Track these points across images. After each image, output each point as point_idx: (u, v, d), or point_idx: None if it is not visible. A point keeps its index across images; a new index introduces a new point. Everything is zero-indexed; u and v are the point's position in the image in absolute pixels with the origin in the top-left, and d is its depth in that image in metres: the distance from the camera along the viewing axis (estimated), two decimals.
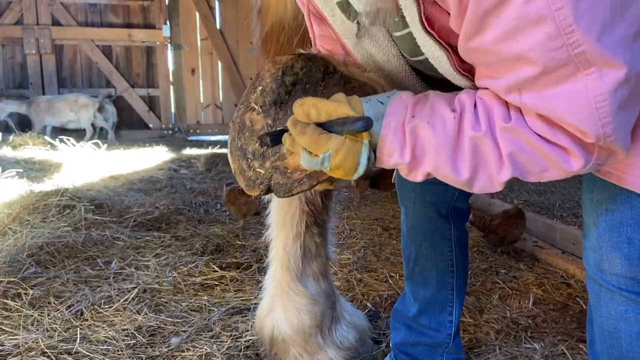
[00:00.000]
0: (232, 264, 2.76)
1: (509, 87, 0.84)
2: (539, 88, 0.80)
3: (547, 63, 0.76)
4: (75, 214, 3.38)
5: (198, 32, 9.28)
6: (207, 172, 5.39)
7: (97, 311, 2.20)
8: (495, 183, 0.91)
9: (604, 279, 1.04)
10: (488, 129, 0.88)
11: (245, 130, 1.08)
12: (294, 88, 1.06)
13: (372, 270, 2.72)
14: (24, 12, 8.49)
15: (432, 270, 1.66)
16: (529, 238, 3.12)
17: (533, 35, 0.75)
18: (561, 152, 0.85)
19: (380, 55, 1.08)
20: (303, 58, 1.08)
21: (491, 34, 0.79)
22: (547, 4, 0.72)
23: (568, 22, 0.72)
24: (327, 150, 0.90)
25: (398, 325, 1.77)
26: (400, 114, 0.93)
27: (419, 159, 0.93)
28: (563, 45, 0.74)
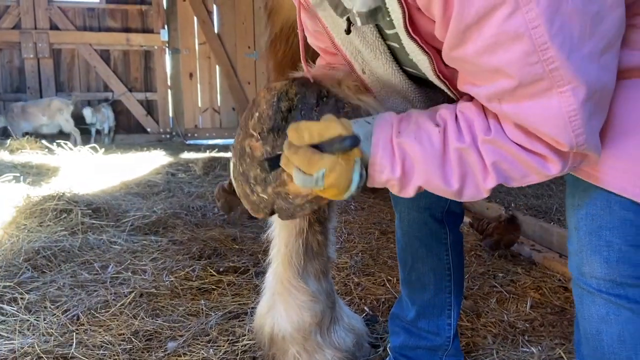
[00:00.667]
0: (229, 268, 2.75)
1: (489, 96, 0.89)
2: (517, 99, 0.85)
3: (523, 77, 0.81)
4: (72, 218, 3.37)
5: (196, 37, 9.29)
6: (205, 176, 5.39)
7: (94, 316, 2.19)
8: (482, 190, 0.97)
9: (585, 282, 1.06)
10: (471, 141, 0.93)
11: (246, 156, 1.11)
12: (289, 114, 1.09)
13: (369, 274, 2.72)
14: (22, 17, 8.50)
15: (429, 275, 1.67)
16: (527, 242, 3.12)
17: (511, 51, 0.79)
18: (539, 159, 0.91)
19: (367, 51, 1.09)
20: (297, 84, 1.11)
21: (472, 47, 0.83)
22: (525, 22, 0.76)
23: (543, 40, 0.77)
24: (321, 168, 0.93)
25: (396, 329, 1.78)
26: (386, 131, 0.98)
27: (409, 174, 0.97)
28: (539, 61, 0.79)
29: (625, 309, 1.02)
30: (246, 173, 1.11)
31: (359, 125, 0.99)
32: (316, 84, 1.11)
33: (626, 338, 1.03)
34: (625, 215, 0.99)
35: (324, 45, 1.22)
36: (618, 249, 1.00)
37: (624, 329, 1.03)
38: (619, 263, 1.01)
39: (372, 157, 0.97)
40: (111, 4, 8.86)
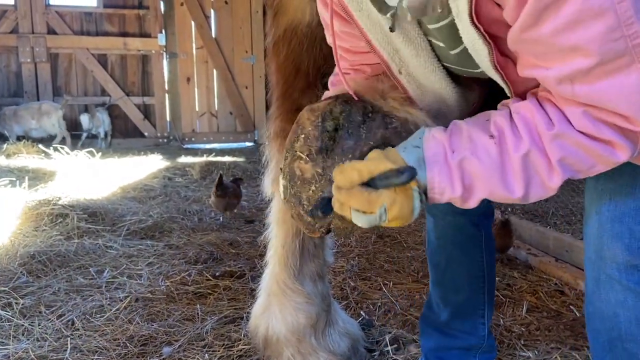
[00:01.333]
0: (225, 273, 2.75)
1: (560, 78, 0.85)
2: (592, 79, 0.81)
3: (605, 54, 0.78)
4: (68, 222, 3.36)
5: (193, 41, 9.29)
6: (202, 180, 5.38)
7: (89, 321, 2.18)
8: (548, 190, 0.94)
9: (605, 267, 1.08)
10: (533, 142, 0.90)
11: (297, 179, 1.10)
12: (336, 134, 1.07)
13: (366, 278, 2.72)
14: (19, 21, 8.49)
15: (464, 277, 1.66)
16: (523, 246, 3.12)
17: (594, 27, 0.76)
18: (607, 147, 0.88)
19: (409, 49, 1.07)
20: (340, 102, 1.09)
21: (550, 26, 0.79)
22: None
23: (629, 14, 0.74)
24: (381, 205, 0.93)
25: (429, 330, 1.77)
26: (439, 153, 0.95)
27: (471, 190, 0.95)
28: (622, 37, 0.76)
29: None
30: (298, 195, 1.10)
31: (409, 152, 0.97)
32: (360, 100, 1.09)
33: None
34: None
35: (349, 45, 1.19)
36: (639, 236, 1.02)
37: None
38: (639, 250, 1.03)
39: (430, 183, 0.95)
40: (109, 9, 8.85)
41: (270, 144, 1.67)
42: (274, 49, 1.57)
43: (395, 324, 2.20)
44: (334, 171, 0.96)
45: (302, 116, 1.12)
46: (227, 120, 9.56)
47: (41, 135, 7.99)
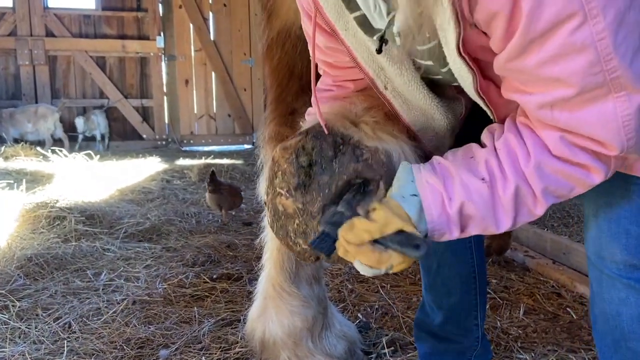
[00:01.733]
0: (223, 275, 2.75)
1: (541, 104, 0.89)
2: (571, 107, 0.86)
3: (584, 86, 0.83)
4: (66, 225, 3.36)
5: (192, 43, 9.30)
6: (200, 183, 5.38)
7: (85, 323, 2.18)
8: (533, 217, 1.01)
9: (605, 266, 1.12)
10: (518, 178, 0.97)
11: (280, 214, 1.15)
12: (311, 169, 1.11)
13: (363, 280, 2.72)
14: (18, 24, 8.49)
15: (456, 278, 1.67)
16: (520, 248, 3.12)
17: (576, 61, 0.81)
18: (583, 170, 0.94)
19: (393, 69, 1.09)
20: (311, 137, 1.13)
21: (534, 58, 0.84)
22: (591, 34, 0.78)
23: (608, 50, 0.79)
24: (389, 265, 0.97)
25: (423, 335, 1.78)
26: (437, 202, 1.00)
27: (466, 230, 1.02)
28: (601, 71, 0.81)
29: None
30: (285, 228, 1.14)
31: (408, 202, 1.01)
32: (330, 134, 1.12)
33: None
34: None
35: (333, 60, 1.21)
36: (636, 236, 1.07)
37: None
38: (637, 249, 1.07)
39: (431, 231, 1.01)
40: (107, 11, 8.86)
41: (265, 147, 1.68)
42: (267, 52, 1.57)
43: (392, 327, 2.20)
44: (343, 227, 0.99)
45: (276, 154, 1.16)
46: (226, 122, 9.57)
47: (37, 139, 7.96)
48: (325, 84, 1.30)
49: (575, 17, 0.78)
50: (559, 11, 0.78)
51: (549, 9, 0.78)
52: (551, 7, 0.78)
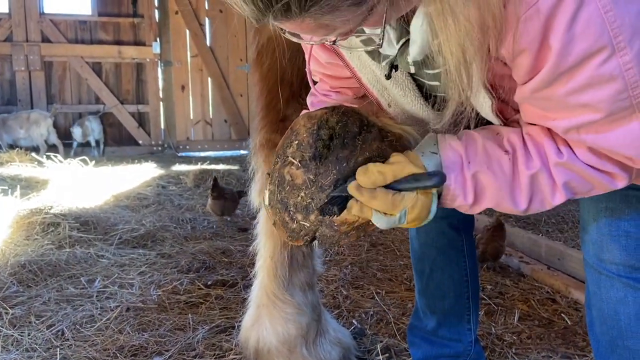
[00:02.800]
0: (217, 282, 2.74)
1: (568, 128, 0.92)
2: (598, 129, 0.89)
3: (611, 111, 0.86)
4: (60, 231, 3.35)
5: (188, 49, 9.31)
6: (196, 189, 5.37)
7: (79, 331, 2.17)
8: (547, 206, 1.02)
9: (604, 267, 1.15)
10: (542, 164, 0.97)
11: (286, 184, 1.10)
12: (331, 143, 1.07)
13: (358, 286, 2.71)
14: (14, 29, 8.49)
15: (448, 283, 1.68)
16: (515, 253, 3.12)
17: (603, 90, 0.84)
18: (607, 177, 0.97)
19: (396, 90, 1.12)
20: (337, 112, 1.10)
21: (562, 89, 0.86)
22: (619, 65, 0.81)
23: (635, 78, 0.82)
24: (403, 208, 0.97)
25: (416, 340, 1.78)
26: (456, 162, 1.00)
27: (480, 199, 1.02)
28: (628, 97, 0.84)
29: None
30: (285, 201, 1.10)
31: (427, 157, 1.01)
32: (357, 112, 1.10)
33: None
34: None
35: (332, 73, 1.22)
36: (636, 237, 1.10)
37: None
38: (636, 250, 1.11)
39: (445, 189, 1.00)
40: (103, 17, 8.87)
41: (256, 154, 1.68)
42: (257, 59, 1.58)
43: (387, 333, 2.19)
44: (358, 171, 0.98)
45: (298, 122, 1.12)
46: (222, 128, 9.57)
47: (31, 144, 7.93)
48: (323, 90, 1.29)
49: (604, 51, 0.80)
50: (590, 47, 0.80)
51: (580, 45, 0.80)
52: (582, 44, 0.80)
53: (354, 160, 1.03)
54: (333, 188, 1.03)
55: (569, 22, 0.78)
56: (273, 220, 1.14)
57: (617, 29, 0.78)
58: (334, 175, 1.03)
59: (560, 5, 0.78)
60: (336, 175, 1.03)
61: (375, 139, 1.06)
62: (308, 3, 0.72)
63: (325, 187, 1.03)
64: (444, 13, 0.81)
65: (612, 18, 0.78)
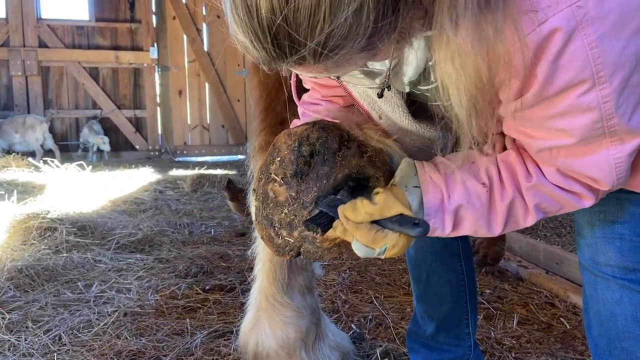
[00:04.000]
0: (215, 286, 2.72)
1: (542, 148, 0.96)
2: (569, 152, 0.93)
3: (585, 138, 0.90)
4: (57, 236, 3.33)
5: (185, 54, 9.33)
6: (193, 193, 5.37)
7: (76, 336, 2.15)
8: (520, 226, 1.07)
9: (600, 270, 1.17)
10: (515, 190, 1.02)
11: (270, 201, 1.12)
12: (312, 159, 1.09)
13: (357, 291, 2.70)
14: (10, 34, 8.49)
15: (446, 287, 1.68)
16: (513, 258, 3.12)
17: (580, 119, 0.88)
18: (575, 197, 1.01)
19: (385, 106, 1.14)
20: (317, 128, 1.12)
21: (542, 113, 0.90)
22: (597, 98, 0.85)
23: (610, 111, 0.86)
24: (384, 245, 1.00)
25: (415, 346, 1.77)
26: (437, 198, 1.05)
27: (458, 229, 1.06)
28: (602, 127, 0.88)
29: (637, 292, 1.13)
30: (270, 217, 1.12)
31: (410, 192, 1.05)
32: (337, 128, 1.12)
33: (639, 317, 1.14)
34: (634, 210, 1.11)
35: (324, 82, 1.24)
36: (629, 239, 1.12)
37: (637, 310, 1.13)
38: (630, 252, 1.12)
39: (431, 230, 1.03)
40: (100, 22, 8.88)
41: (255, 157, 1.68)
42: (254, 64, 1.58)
43: (386, 337, 2.18)
44: (346, 206, 1.00)
45: (279, 139, 1.14)
46: (219, 133, 9.57)
47: (27, 149, 7.91)
48: (313, 98, 1.32)
49: (585, 83, 0.84)
50: (572, 79, 0.84)
51: (563, 76, 0.84)
52: (565, 76, 0.84)
53: (333, 177, 1.06)
54: (314, 205, 1.06)
55: (555, 55, 0.82)
56: (260, 235, 1.17)
57: (600, 64, 0.82)
58: (315, 193, 1.06)
59: (549, 41, 0.81)
60: (317, 193, 1.06)
61: (355, 155, 1.09)
62: (322, 58, 0.75)
63: (307, 204, 1.06)
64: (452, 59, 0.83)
65: (596, 54, 0.82)
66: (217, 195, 5.23)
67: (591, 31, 0.81)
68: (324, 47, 0.73)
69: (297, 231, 1.08)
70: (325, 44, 0.73)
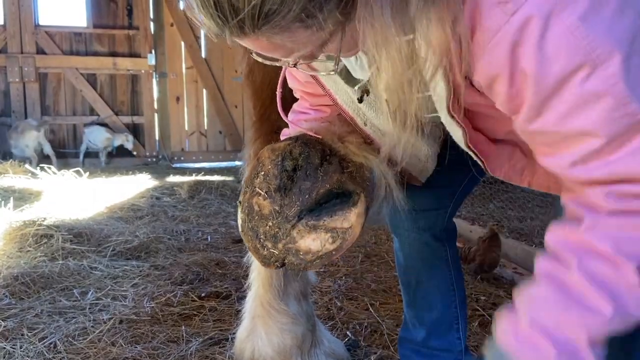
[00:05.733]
0: (211, 294, 2.73)
1: (573, 162, 0.86)
2: (604, 155, 0.83)
3: (611, 134, 0.81)
4: (53, 243, 3.33)
5: (183, 61, 9.35)
6: (190, 200, 5.36)
7: (71, 343, 2.15)
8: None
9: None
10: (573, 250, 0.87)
11: (255, 214, 1.16)
12: (295, 174, 1.13)
13: (352, 298, 2.71)
14: (8, 41, 8.49)
15: (435, 293, 1.69)
16: (509, 264, 3.13)
17: (594, 110, 0.80)
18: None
19: (369, 112, 1.15)
20: (300, 143, 1.16)
21: (553, 115, 0.83)
22: (603, 80, 0.78)
23: (624, 94, 0.78)
24: None
25: (407, 353, 1.78)
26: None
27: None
28: (624, 115, 0.79)
29: None
30: (255, 229, 1.16)
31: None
32: (319, 143, 1.15)
33: None
34: None
35: (311, 90, 1.26)
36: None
37: None
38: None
39: None
40: (98, 29, 8.89)
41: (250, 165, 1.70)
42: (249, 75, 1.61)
43: (381, 344, 2.19)
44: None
45: (263, 154, 1.18)
46: (217, 139, 9.57)
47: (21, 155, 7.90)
48: (302, 107, 1.34)
49: (583, 69, 0.78)
50: (565, 66, 0.78)
51: (554, 66, 0.79)
52: (556, 65, 0.79)
53: (315, 192, 1.10)
54: (297, 219, 1.09)
55: (537, 45, 0.78)
56: (247, 245, 1.21)
57: (590, 45, 0.77)
58: (297, 207, 1.10)
59: (525, 30, 0.78)
60: (299, 207, 1.10)
61: (336, 171, 1.13)
62: (260, 22, 0.76)
63: (290, 218, 1.10)
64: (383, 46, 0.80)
65: (582, 36, 0.77)
66: (214, 202, 5.23)
67: (568, 14, 0.76)
68: (260, 11, 0.75)
69: (282, 243, 1.12)
70: (262, 8, 0.75)
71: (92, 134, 8.52)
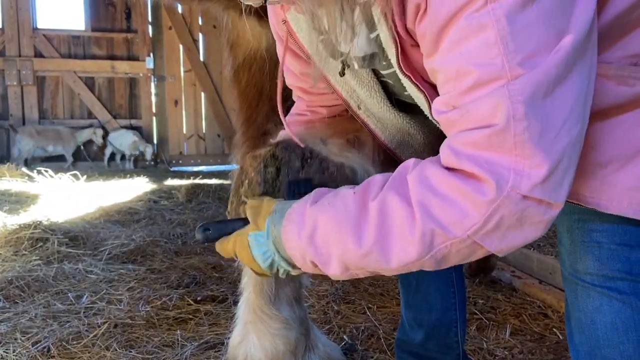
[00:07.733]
0: (207, 297, 2.70)
1: (446, 102, 0.86)
2: (467, 92, 0.82)
3: (483, 74, 0.79)
4: (49, 247, 3.31)
5: (181, 64, 9.35)
6: (188, 203, 5.34)
7: (65, 347, 2.13)
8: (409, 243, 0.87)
9: (580, 278, 1.16)
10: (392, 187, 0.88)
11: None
12: (277, 179, 1.15)
13: (349, 301, 2.69)
14: (6, 44, 8.50)
15: (436, 295, 1.67)
16: (507, 268, 3.12)
17: (474, 41, 0.79)
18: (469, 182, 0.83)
19: (363, 91, 1.13)
20: (280, 148, 1.18)
21: (441, 48, 0.83)
22: (489, 13, 0.77)
23: (507, 30, 0.77)
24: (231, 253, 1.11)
25: (404, 355, 1.76)
26: (302, 204, 0.98)
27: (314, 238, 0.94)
28: (499, 53, 0.78)
29: (616, 300, 1.11)
30: None
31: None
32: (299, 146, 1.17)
33: (618, 325, 1.12)
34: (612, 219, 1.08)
35: (308, 86, 1.25)
36: (607, 247, 1.10)
37: (616, 317, 1.12)
38: (609, 260, 1.10)
39: (284, 233, 0.97)
40: (96, 32, 8.90)
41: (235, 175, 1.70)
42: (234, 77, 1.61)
43: (378, 348, 2.17)
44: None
45: (246, 163, 1.21)
46: (215, 142, 9.57)
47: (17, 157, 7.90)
48: (299, 109, 1.34)
49: (476, 2, 0.78)
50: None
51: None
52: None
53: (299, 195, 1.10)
54: None
55: None
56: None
57: None
58: None
59: None
60: None
61: (317, 172, 1.15)
62: None
63: None
64: None
65: None
66: (211, 205, 5.21)
67: None
68: None
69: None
70: None
71: (119, 139, 8.52)
